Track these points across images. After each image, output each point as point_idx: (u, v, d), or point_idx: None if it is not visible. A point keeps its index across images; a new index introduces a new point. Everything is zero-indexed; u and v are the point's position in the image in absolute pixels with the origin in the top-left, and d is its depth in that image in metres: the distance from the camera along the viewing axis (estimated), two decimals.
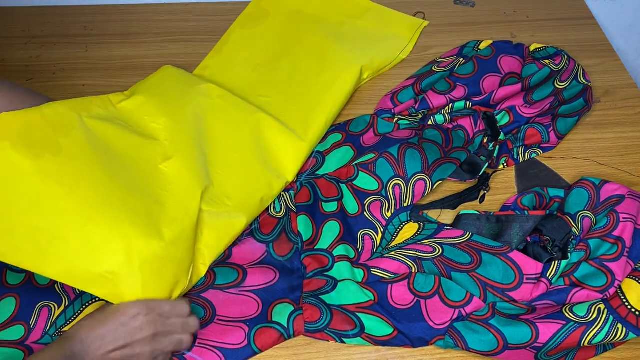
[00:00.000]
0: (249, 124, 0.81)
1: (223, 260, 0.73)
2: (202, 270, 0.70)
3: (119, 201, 0.63)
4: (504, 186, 0.83)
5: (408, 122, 0.86)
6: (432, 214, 0.79)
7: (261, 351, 0.66)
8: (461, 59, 0.94)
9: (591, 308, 0.65)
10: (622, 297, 0.67)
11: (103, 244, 0.60)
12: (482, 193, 0.81)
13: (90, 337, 0.56)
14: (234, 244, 0.74)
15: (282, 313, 0.68)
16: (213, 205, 0.71)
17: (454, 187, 0.82)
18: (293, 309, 0.68)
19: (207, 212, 0.70)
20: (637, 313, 0.65)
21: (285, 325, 0.67)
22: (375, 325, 0.66)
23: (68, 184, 0.61)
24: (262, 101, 0.87)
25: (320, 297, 0.69)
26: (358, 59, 0.94)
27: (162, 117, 0.76)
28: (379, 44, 1.00)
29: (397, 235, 0.76)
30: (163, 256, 0.63)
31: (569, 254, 0.71)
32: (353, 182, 0.79)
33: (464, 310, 0.67)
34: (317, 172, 0.81)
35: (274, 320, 0.67)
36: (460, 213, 0.78)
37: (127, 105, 0.76)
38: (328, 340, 0.67)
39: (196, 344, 0.65)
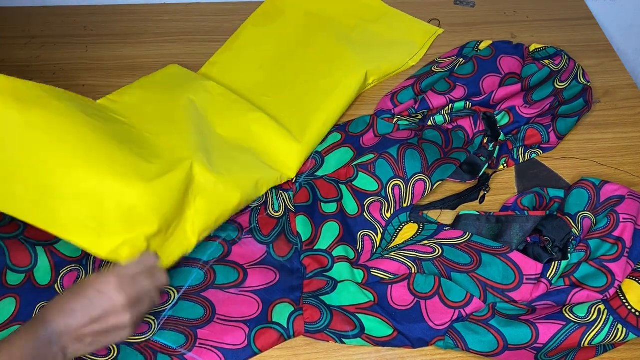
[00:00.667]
0: (247, 122, 0.82)
1: (223, 258, 0.73)
2: (192, 239, 0.67)
3: (105, 153, 0.63)
4: (504, 186, 0.83)
5: (408, 123, 0.86)
6: (432, 214, 0.79)
7: (261, 351, 0.66)
8: (461, 59, 0.94)
9: (591, 309, 0.65)
10: (622, 298, 0.67)
11: (86, 192, 0.60)
12: (482, 193, 0.81)
13: (60, 315, 0.53)
14: (234, 242, 0.74)
15: (282, 313, 0.68)
16: (210, 172, 0.69)
17: (453, 187, 0.82)
18: (293, 309, 0.68)
19: (203, 175, 0.69)
20: (637, 313, 0.65)
21: (285, 326, 0.67)
22: (375, 326, 0.66)
23: (55, 135, 0.61)
24: (264, 101, 0.88)
25: (320, 297, 0.69)
26: (364, 63, 0.94)
27: (159, 108, 0.78)
28: (389, 49, 0.99)
29: (396, 236, 0.76)
30: (148, 206, 0.62)
31: (569, 255, 0.71)
32: (352, 183, 0.79)
33: (464, 310, 0.67)
34: (316, 174, 0.81)
35: (274, 320, 0.67)
36: (460, 213, 0.78)
37: (124, 99, 0.78)
38: (328, 341, 0.67)
39: (196, 344, 0.65)
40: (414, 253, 0.72)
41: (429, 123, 0.86)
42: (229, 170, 0.73)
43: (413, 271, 0.71)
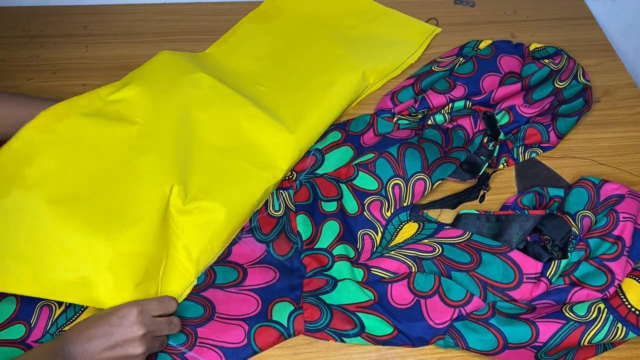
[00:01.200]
0: (237, 117, 0.82)
1: (223, 259, 0.73)
2: (190, 267, 0.70)
3: (82, 213, 0.68)
4: (503, 185, 0.83)
5: (408, 122, 0.86)
6: (432, 213, 0.79)
7: (261, 350, 0.66)
8: (461, 59, 0.94)
9: (591, 307, 0.65)
10: (622, 297, 0.67)
11: (70, 254, 0.64)
12: (482, 192, 0.81)
13: (80, 337, 0.57)
14: (234, 242, 0.74)
15: (282, 312, 0.68)
16: (187, 202, 0.72)
17: (453, 186, 0.82)
18: (293, 308, 0.68)
19: (180, 209, 0.71)
20: (637, 312, 0.65)
21: (285, 325, 0.67)
22: (375, 324, 0.67)
23: (34, 211, 0.67)
24: (258, 90, 0.88)
25: (320, 296, 0.69)
26: (361, 63, 0.94)
27: (146, 112, 0.78)
28: (387, 49, 0.99)
29: (396, 235, 0.76)
30: (129, 254, 0.66)
31: (569, 253, 0.71)
32: (353, 182, 0.79)
33: (464, 309, 0.67)
34: (316, 171, 0.81)
35: (273, 319, 0.67)
36: (460, 212, 0.78)
37: (115, 97, 0.79)
38: (328, 340, 0.67)
39: (197, 343, 0.65)
40: (414, 252, 0.72)
41: (429, 122, 0.86)
42: (209, 191, 0.74)
43: (413, 270, 0.71)
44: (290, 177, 0.81)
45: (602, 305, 0.66)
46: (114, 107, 0.78)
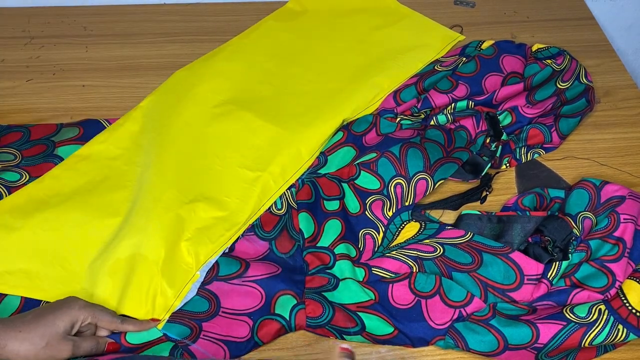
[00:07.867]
0: (240, 132, 0.84)
1: (226, 254, 0.73)
2: (188, 259, 0.71)
3: (89, 230, 0.74)
4: (504, 187, 0.83)
5: (410, 122, 0.86)
6: (435, 213, 0.79)
7: (263, 342, 0.66)
8: (463, 58, 0.94)
9: (592, 309, 0.65)
10: (623, 298, 0.67)
11: (76, 268, 0.71)
12: (484, 194, 0.81)
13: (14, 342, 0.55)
14: (237, 239, 0.74)
15: (284, 306, 0.68)
16: (185, 205, 0.75)
17: (456, 187, 0.82)
18: (296, 302, 0.68)
19: (178, 213, 0.74)
20: (638, 314, 0.65)
21: (287, 318, 0.67)
22: (376, 324, 0.66)
23: (49, 228, 0.74)
24: (267, 88, 0.90)
25: (323, 294, 0.69)
26: (375, 73, 0.93)
27: (149, 135, 0.84)
28: (406, 54, 0.98)
29: (398, 235, 0.76)
30: (125, 258, 0.70)
31: (570, 255, 0.71)
32: (355, 181, 0.79)
33: (465, 310, 0.67)
34: (318, 172, 0.81)
35: (276, 312, 0.67)
36: (462, 213, 0.78)
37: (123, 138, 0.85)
38: (329, 337, 0.67)
39: (201, 336, 0.65)
40: (415, 252, 0.72)
41: (432, 123, 0.86)
42: (208, 193, 0.77)
43: (414, 270, 0.71)
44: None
45: (602, 307, 0.65)
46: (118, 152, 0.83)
